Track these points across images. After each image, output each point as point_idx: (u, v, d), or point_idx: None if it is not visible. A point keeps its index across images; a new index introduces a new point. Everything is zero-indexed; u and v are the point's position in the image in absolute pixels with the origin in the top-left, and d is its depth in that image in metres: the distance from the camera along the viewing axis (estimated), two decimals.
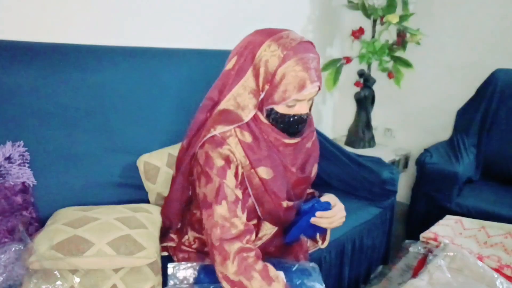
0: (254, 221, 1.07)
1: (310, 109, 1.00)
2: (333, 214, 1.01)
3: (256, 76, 0.92)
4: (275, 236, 1.12)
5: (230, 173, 0.93)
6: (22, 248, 0.91)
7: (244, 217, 0.94)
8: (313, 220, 1.01)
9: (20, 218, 1.04)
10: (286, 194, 1.04)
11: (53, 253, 0.88)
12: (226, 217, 0.90)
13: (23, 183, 1.05)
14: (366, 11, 2.00)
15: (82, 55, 1.25)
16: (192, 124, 1.04)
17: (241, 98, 0.94)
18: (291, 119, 0.95)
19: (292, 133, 0.99)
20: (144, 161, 1.27)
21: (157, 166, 1.27)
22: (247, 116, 0.94)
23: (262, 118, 0.96)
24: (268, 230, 1.10)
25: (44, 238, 0.92)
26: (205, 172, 0.94)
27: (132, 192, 1.30)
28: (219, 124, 0.94)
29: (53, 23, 1.28)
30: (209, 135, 0.94)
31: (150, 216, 1.08)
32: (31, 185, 1.08)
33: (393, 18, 1.90)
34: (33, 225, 1.07)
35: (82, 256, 0.89)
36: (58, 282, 0.88)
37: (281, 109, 0.94)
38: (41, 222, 1.07)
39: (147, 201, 1.29)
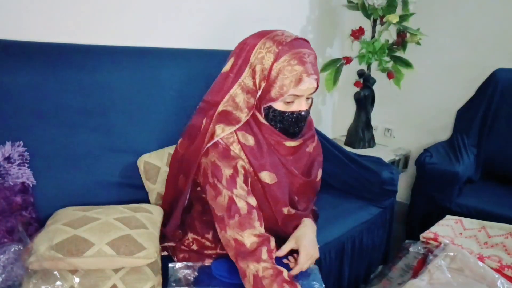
0: None
1: (309, 109, 0.99)
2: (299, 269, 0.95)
3: (253, 74, 0.92)
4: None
5: (239, 181, 0.92)
6: (21, 248, 0.91)
7: (259, 226, 0.91)
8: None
9: (20, 218, 1.03)
10: (289, 200, 1.02)
11: (53, 253, 0.88)
12: (239, 232, 0.89)
13: (23, 183, 1.05)
14: (366, 11, 2.00)
15: (82, 55, 1.24)
16: (189, 127, 1.03)
17: (239, 98, 0.93)
18: (290, 117, 0.94)
19: (291, 134, 0.97)
20: (144, 161, 1.27)
21: (157, 166, 1.26)
22: (245, 117, 0.94)
23: (261, 118, 0.96)
24: None
25: (43, 238, 0.92)
26: (213, 185, 0.92)
27: (132, 192, 1.29)
28: (220, 126, 0.94)
29: (53, 23, 1.28)
30: (213, 141, 0.93)
31: (150, 216, 1.08)
32: (31, 185, 1.07)
33: (393, 18, 1.89)
34: (32, 225, 1.07)
35: (82, 256, 0.89)
36: (58, 283, 0.87)
37: (279, 106, 0.93)
38: (41, 222, 1.06)
39: (147, 201, 1.29)
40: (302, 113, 0.94)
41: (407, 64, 2.04)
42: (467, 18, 2.08)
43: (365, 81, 2.19)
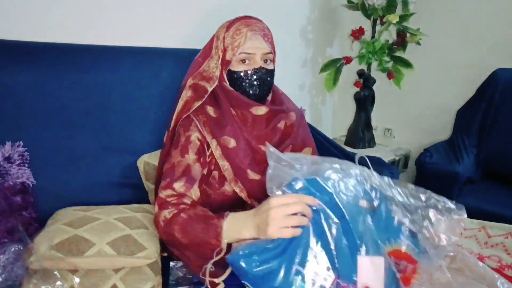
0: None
1: (272, 74, 1.06)
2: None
3: (216, 51, 1.05)
4: None
5: (191, 151, 1.01)
6: (21, 248, 0.91)
7: (183, 189, 0.97)
8: None
9: (20, 218, 1.03)
10: (255, 168, 1.04)
11: (53, 253, 0.88)
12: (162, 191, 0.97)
13: (23, 183, 1.05)
14: (366, 11, 2.00)
15: (82, 55, 1.24)
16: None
17: (206, 72, 1.06)
18: (246, 75, 1.02)
19: (254, 96, 1.04)
20: (144, 161, 1.27)
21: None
22: (211, 86, 1.04)
23: (227, 86, 1.05)
24: None
25: (44, 238, 0.92)
26: (171, 150, 1.04)
27: (132, 192, 1.29)
28: (192, 103, 1.05)
29: (53, 23, 1.28)
30: (184, 116, 1.05)
31: (151, 216, 1.08)
32: (31, 185, 1.08)
33: (393, 18, 1.89)
34: (33, 225, 1.07)
35: (83, 256, 0.89)
36: (58, 282, 0.87)
37: (236, 67, 1.03)
38: (41, 222, 1.06)
39: (147, 201, 1.29)
40: (257, 70, 1.02)
41: (407, 64, 2.04)
42: (467, 18, 2.08)
43: (365, 81, 2.19)
